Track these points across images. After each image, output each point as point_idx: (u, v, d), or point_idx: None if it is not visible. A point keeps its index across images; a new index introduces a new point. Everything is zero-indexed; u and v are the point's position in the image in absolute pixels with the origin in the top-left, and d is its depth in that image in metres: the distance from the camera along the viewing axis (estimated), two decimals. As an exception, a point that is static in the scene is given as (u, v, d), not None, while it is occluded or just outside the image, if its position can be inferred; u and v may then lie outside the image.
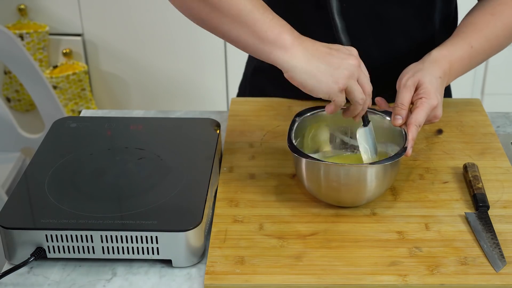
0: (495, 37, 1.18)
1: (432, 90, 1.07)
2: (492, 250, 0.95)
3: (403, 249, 0.96)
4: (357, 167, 1.00)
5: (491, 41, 1.18)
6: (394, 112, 1.07)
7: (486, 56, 1.19)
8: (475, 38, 1.16)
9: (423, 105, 1.06)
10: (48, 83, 2.21)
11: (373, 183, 1.00)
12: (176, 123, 1.20)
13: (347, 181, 0.99)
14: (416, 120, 1.04)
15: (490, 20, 1.18)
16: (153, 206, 0.97)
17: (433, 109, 1.07)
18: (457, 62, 1.14)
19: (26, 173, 1.06)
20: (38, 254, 0.94)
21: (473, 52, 1.16)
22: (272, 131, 1.23)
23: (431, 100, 1.06)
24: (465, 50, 1.15)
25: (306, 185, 1.04)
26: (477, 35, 1.16)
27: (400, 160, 1.01)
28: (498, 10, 1.18)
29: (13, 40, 2.09)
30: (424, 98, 1.06)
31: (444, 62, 1.12)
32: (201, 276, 0.94)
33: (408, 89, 1.08)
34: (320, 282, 0.91)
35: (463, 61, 1.15)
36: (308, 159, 1.00)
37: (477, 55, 1.16)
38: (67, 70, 2.54)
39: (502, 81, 2.59)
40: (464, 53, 1.15)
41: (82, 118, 1.24)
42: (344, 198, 1.02)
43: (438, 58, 1.12)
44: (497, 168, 1.13)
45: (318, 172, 1.00)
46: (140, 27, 2.56)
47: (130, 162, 1.09)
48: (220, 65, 2.61)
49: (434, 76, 1.09)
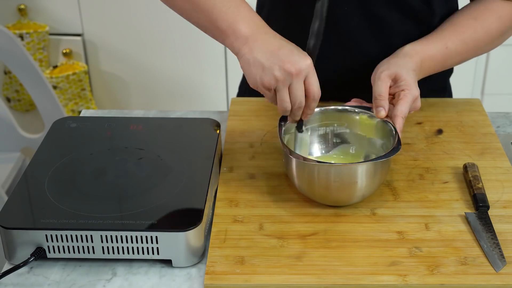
0: (473, 41, 1.17)
1: (412, 82, 1.08)
2: (492, 250, 0.95)
3: (403, 249, 0.96)
4: (347, 166, 1.00)
5: (468, 44, 1.17)
6: (375, 105, 1.07)
7: (461, 58, 1.19)
8: (452, 39, 1.16)
9: (406, 97, 1.06)
10: (48, 83, 2.21)
11: (363, 182, 1.00)
12: (176, 123, 1.20)
13: (338, 180, 0.99)
14: (401, 112, 1.05)
15: (472, 24, 1.17)
16: (153, 206, 0.97)
17: (415, 100, 1.08)
18: (428, 60, 1.14)
19: (26, 173, 1.06)
20: (38, 254, 0.94)
21: (448, 52, 1.16)
22: (272, 131, 1.23)
23: (412, 91, 1.07)
24: (439, 49, 1.15)
25: (296, 185, 1.04)
26: (455, 37, 1.16)
27: (390, 158, 1.01)
28: (482, 15, 1.18)
29: (13, 40, 2.09)
30: (406, 89, 1.07)
31: (416, 57, 1.13)
32: (201, 276, 0.94)
33: (383, 81, 1.08)
34: (320, 282, 0.91)
35: (435, 60, 1.15)
36: (300, 159, 1.00)
37: (451, 56, 1.16)
38: (67, 70, 2.54)
39: (502, 81, 2.59)
40: (437, 52, 1.15)
41: (82, 118, 1.24)
42: (335, 197, 1.02)
43: (410, 53, 1.13)
44: (497, 168, 1.13)
45: (309, 172, 1.00)
46: (140, 27, 2.56)
47: (130, 162, 1.09)
48: (220, 65, 2.61)
49: (409, 69, 1.10)
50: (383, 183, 1.09)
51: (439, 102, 1.32)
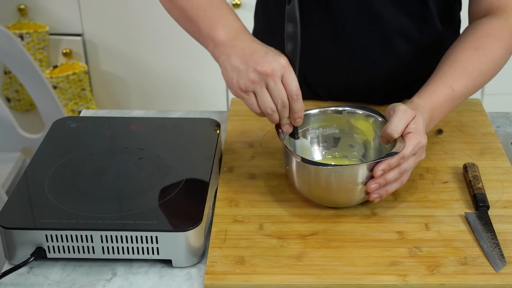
0: (479, 73, 1.12)
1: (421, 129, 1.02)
2: (492, 250, 0.95)
3: (403, 249, 0.96)
4: (347, 168, 1.00)
5: (474, 80, 1.11)
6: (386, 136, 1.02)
7: (469, 95, 1.13)
8: (457, 79, 1.10)
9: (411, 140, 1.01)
10: (48, 83, 2.21)
11: (364, 184, 1.00)
12: (176, 123, 1.20)
13: (338, 182, 0.99)
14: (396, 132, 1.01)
15: (474, 56, 1.12)
16: (153, 206, 0.97)
17: (421, 147, 1.02)
18: (438, 109, 1.08)
19: (26, 173, 1.06)
20: (38, 254, 0.94)
21: (455, 95, 1.10)
22: (272, 131, 1.23)
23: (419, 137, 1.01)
24: (446, 94, 1.09)
25: (297, 187, 1.04)
26: (459, 76, 1.10)
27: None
28: (482, 43, 1.13)
29: (13, 40, 2.09)
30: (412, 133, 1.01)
31: (426, 108, 1.06)
32: (201, 276, 0.94)
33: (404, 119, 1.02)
34: (320, 282, 0.91)
35: (445, 106, 1.10)
36: (301, 160, 1.00)
37: (459, 96, 1.11)
38: (67, 70, 2.54)
39: (502, 81, 2.58)
40: (446, 98, 1.09)
41: (82, 118, 1.24)
42: (335, 200, 1.02)
43: (421, 104, 1.07)
44: (497, 168, 1.13)
45: (308, 174, 1.00)
46: (140, 27, 2.56)
47: (130, 162, 1.09)
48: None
49: (423, 119, 1.04)
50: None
51: (439, 102, 1.32)
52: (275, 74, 0.97)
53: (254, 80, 0.98)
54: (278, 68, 0.97)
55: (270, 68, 0.97)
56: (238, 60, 0.99)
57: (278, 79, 0.98)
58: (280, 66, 0.97)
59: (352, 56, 1.25)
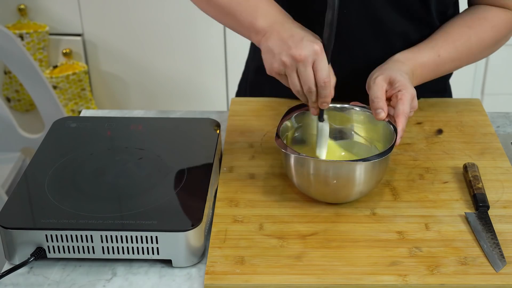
0: (467, 49, 1.18)
1: (407, 82, 1.08)
2: (492, 250, 0.95)
3: (403, 249, 0.96)
4: (344, 164, 1.00)
5: (461, 53, 1.18)
6: (373, 107, 1.07)
7: (454, 66, 1.20)
8: (445, 47, 1.16)
9: (404, 96, 1.06)
10: (48, 83, 2.21)
11: (361, 179, 1.00)
12: (176, 123, 1.20)
13: (335, 176, 0.99)
14: (403, 110, 1.05)
15: (465, 32, 1.18)
16: (153, 206, 0.97)
17: (412, 98, 1.08)
18: (420, 67, 1.15)
19: (26, 173, 1.06)
20: (38, 254, 0.94)
21: (440, 60, 1.16)
22: (272, 131, 1.23)
23: (409, 90, 1.07)
24: (431, 58, 1.16)
25: (295, 182, 1.04)
26: (447, 45, 1.17)
27: (389, 156, 1.01)
28: (476, 24, 1.18)
29: (13, 40, 2.09)
30: (402, 89, 1.07)
31: (407, 63, 1.14)
32: (201, 276, 0.94)
33: (378, 84, 1.09)
34: (320, 282, 0.91)
35: (427, 68, 1.16)
36: (297, 155, 1.00)
37: (444, 64, 1.17)
38: (67, 70, 2.54)
39: (502, 81, 2.59)
40: (429, 60, 1.16)
41: (82, 118, 1.24)
42: (332, 194, 1.02)
43: (401, 60, 1.14)
44: (497, 168, 1.13)
45: (307, 168, 1.00)
46: (140, 27, 2.56)
47: (130, 162, 1.09)
48: (220, 65, 2.61)
49: (402, 72, 1.11)
50: (382, 182, 1.09)
51: (439, 102, 1.32)
52: (306, 60, 1.00)
53: (286, 63, 1.01)
54: (310, 54, 1.00)
55: (302, 53, 1.00)
56: (275, 43, 1.03)
57: (309, 65, 1.01)
58: (312, 52, 1.00)
59: (354, 59, 1.25)
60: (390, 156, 1.01)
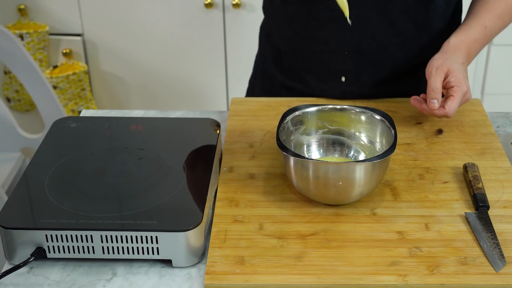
0: (508, 13, 1.25)
1: (461, 77, 1.15)
2: (492, 250, 0.95)
3: (403, 249, 0.96)
4: (343, 165, 1.00)
5: (503, 18, 1.25)
6: (430, 96, 1.14)
7: (499, 31, 1.27)
8: (488, 17, 1.24)
9: (456, 94, 1.14)
10: (48, 83, 2.21)
11: (362, 180, 1.00)
12: (176, 123, 1.20)
13: (335, 178, 0.99)
14: (451, 109, 1.14)
15: None
16: (153, 206, 0.97)
17: (464, 94, 1.16)
18: (473, 45, 1.22)
19: (26, 173, 1.06)
20: (38, 254, 0.94)
21: (487, 32, 1.23)
22: (272, 131, 1.23)
23: (462, 88, 1.15)
24: (480, 31, 1.23)
25: (294, 183, 1.04)
26: (490, 15, 1.24)
27: (389, 157, 1.01)
28: None
29: (13, 40, 2.09)
30: (456, 86, 1.15)
31: (463, 48, 1.20)
32: (201, 276, 0.94)
33: (439, 76, 1.15)
34: (320, 282, 0.91)
35: (479, 42, 1.23)
36: (297, 157, 1.00)
37: (491, 34, 1.24)
38: (67, 70, 2.54)
39: (502, 81, 2.59)
40: (479, 35, 1.23)
41: (82, 118, 1.24)
42: (333, 196, 1.02)
43: (458, 45, 1.20)
44: (497, 168, 1.13)
45: (307, 170, 1.00)
46: (140, 27, 2.56)
47: (130, 162, 1.09)
48: (220, 65, 2.61)
49: (459, 63, 1.17)
50: (382, 182, 1.09)
51: (439, 102, 1.32)
52: None
53: None
54: None
55: None
56: None
57: None
58: None
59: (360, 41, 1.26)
60: (390, 157, 1.01)
